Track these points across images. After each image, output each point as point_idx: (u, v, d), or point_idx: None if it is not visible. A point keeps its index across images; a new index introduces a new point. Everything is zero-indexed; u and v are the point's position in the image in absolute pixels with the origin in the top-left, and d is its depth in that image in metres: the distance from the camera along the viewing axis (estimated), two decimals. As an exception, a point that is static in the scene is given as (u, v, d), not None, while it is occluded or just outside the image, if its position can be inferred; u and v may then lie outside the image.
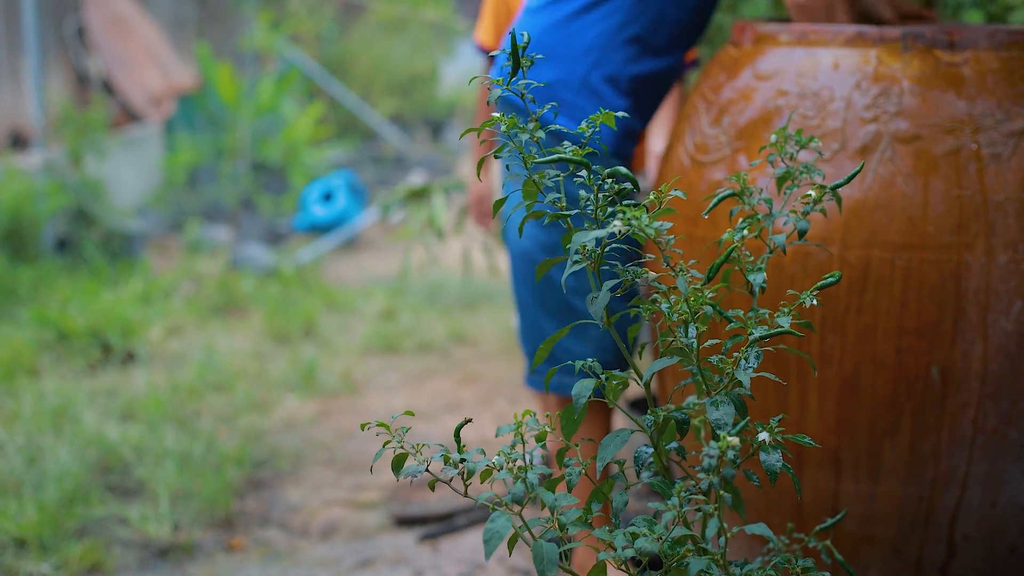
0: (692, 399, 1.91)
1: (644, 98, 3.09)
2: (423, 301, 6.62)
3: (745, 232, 1.89)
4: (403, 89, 13.03)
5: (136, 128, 9.49)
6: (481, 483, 1.81)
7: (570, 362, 2.99)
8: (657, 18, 3.02)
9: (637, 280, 1.82)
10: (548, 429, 1.81)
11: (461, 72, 14.38)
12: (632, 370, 1.90)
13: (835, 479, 2.67)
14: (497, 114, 1.84)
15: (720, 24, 4.83)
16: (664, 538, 1.74)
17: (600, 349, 3.12)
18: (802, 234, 2.02)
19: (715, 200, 2.08)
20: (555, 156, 1.81)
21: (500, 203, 1.86)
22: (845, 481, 2.66)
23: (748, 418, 1.80)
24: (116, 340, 5.60)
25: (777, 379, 1.87)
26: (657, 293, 1.82)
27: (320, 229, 8.20)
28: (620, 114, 1.90)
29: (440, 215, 5.06)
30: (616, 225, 1.71)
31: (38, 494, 3.91)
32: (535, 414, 1.79)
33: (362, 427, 1.75)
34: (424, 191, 6.85)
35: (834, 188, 1.99)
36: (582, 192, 1.83)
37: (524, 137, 1.84)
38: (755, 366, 1.79)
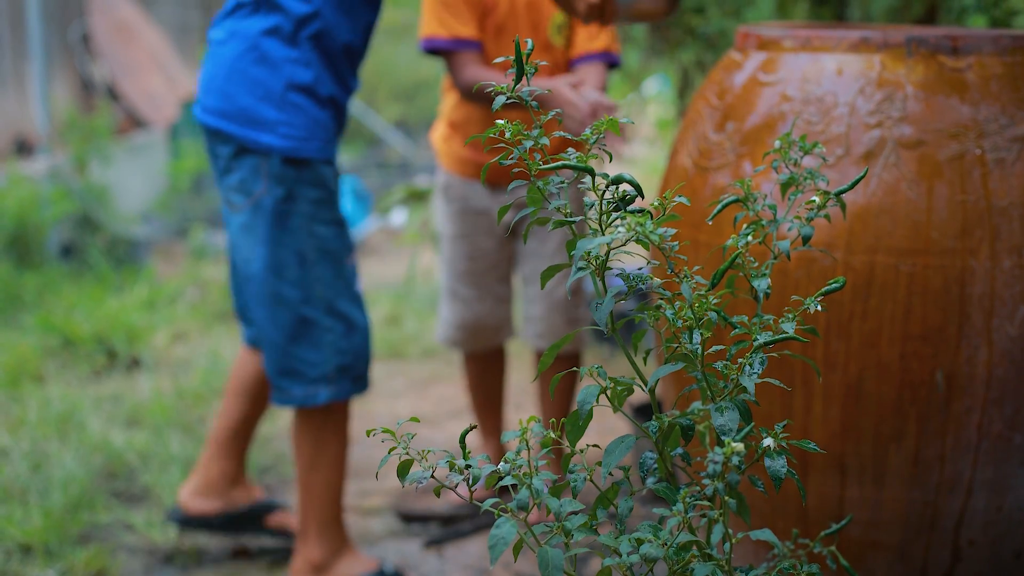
0: (697, 405, 1.91)
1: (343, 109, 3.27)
2: (428, 306, 6.62)
3: (749, 238, 1.89)
4: (407, 95, 13.03)
5: (141, 134, 9.50)
6: (487, 489, 1.81)
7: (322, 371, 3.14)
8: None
9: (643, 287, 1.82)
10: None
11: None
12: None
13: (840, 485, 2.67)
14: (502, 121, 1.84)
15: (724, 30, 4.84)
16: (669, 544, 1.74)
17: (337, 353, 3.22)
18: (806, 240, 2.02)
19: (719, 206, 2.08)
20: (560, 163, 1.81)
21: (504, 210, 1.86)
22: (850, 486, 2.66)
23: (753, 424, 1.80)
24: (121, 346, 5.60)
25: (782, 385, 1.87)
26: (661, 299, 1.82)
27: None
28: (625, 120, 1.90)
29: (437, 219, 5.06)
30: (621, 231, 1.71)
31: (43, 500, 3.92)
32: (540, 420, 1.79)
33: (368, 433, 1.75)
34: (424, 193, 6.85)
35: (838, 194, 2.00)
36: (586, 198, 1.84)
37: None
38: (760, 372, 1.79)
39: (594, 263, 1.82)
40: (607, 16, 3.16)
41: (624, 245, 1.75)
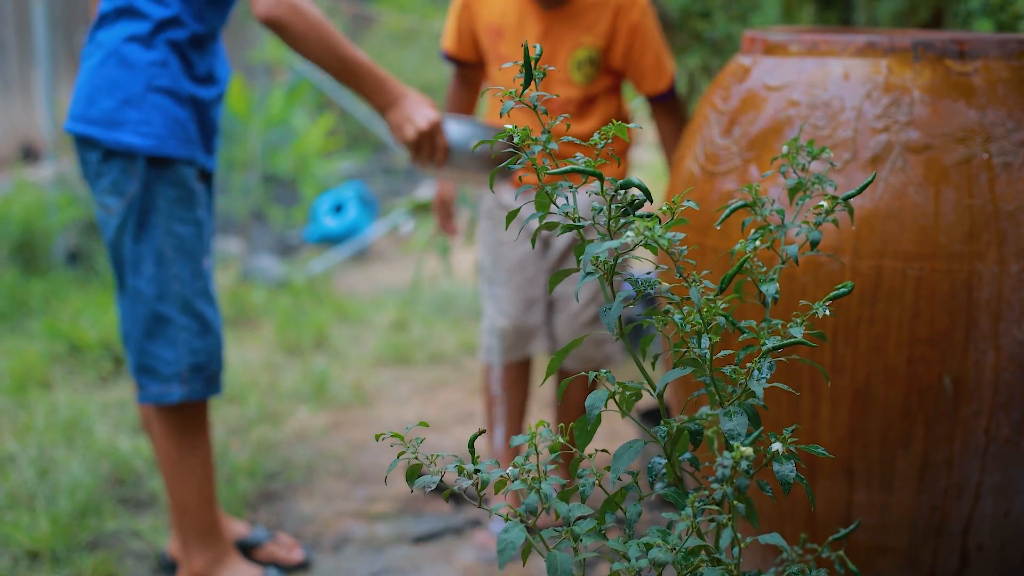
0: (705, 410, 1.91)
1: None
2: (434, 312, 6.62)
3: (757, 242, 1.89)
4: (413, 100, 13.00)
5: (147, 140, 9.47)
6: (495, 494, 1.81)
7: (176, 369, 3.18)
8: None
9: (650, 291, 1.82)
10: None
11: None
12: (645, 379, 1.90)
13: (848, 489, 2.66)
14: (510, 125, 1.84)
15: (730, 34, 4.83)
16: (678, 548, 1.74)
17: (191, 352, 3.25)
18: (814, 245, 2.02)
19: (727, 211, 2.08)
20: (568, 167, 1.81)
21: (513, 214, 1.86)
22: (858, 491, 2.66)
23: (761, 428, 1.80)
24: (128, 352, 5.61)
25: (790, 389, 1.87)
26: (670, 304, 1.82)
27: (331, 240, 8.20)
28: (634, 125, 1.90)
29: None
30: (630, 236, 1.71)
31: (50, 507, 3.92)
32: (548, 424, 1.79)
33: (376, 438, 1.75)
34: (430, 203, 6.84)
35: (846, 198, 1.99)
36: (594, 203, 1.84)
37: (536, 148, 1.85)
38: (768, 377, 1.79)
39: (603, 268, 1.82)
40: (437, 156, 3.35)
41: (633, 250, 1.75)
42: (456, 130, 3.40)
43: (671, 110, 3.87)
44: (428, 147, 3.31)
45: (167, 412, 3.29)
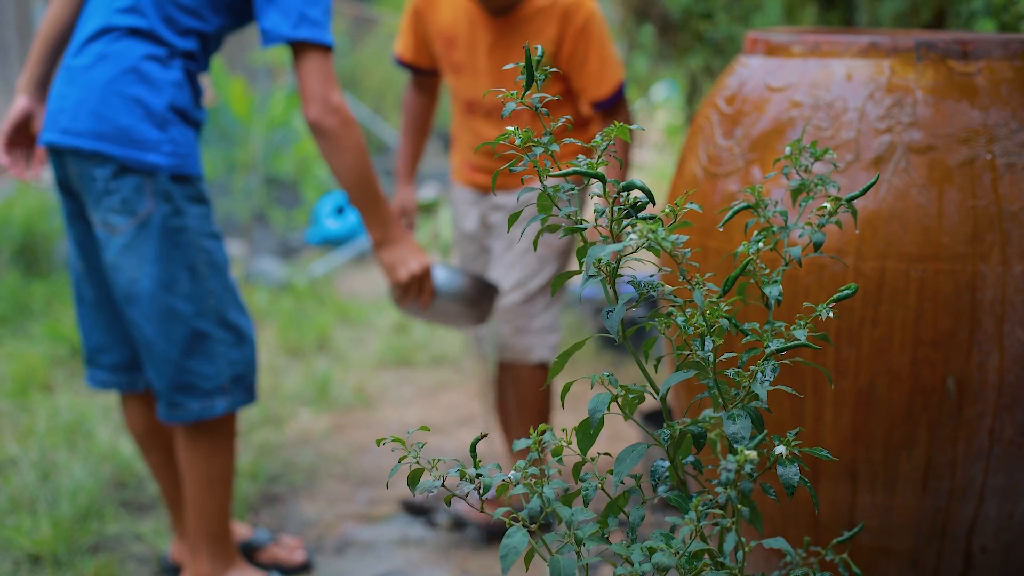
0: (708, 412, 1.90)
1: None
2: (436, 314, 6.62)
3: (760, 244, 1.89)
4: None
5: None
6: (497, 497, 1.80)
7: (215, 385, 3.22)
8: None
9: (653, 293, 1.82)
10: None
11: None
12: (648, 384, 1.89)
13: (852, 491, 2.66)
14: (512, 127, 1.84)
15: (732, 35, 4.83)
16: (681, 552, 1.73)
17: (231, 364, 3.29)
18: (818, 246, 2.01)
19: (730, 213, 2.07)
20: (571, 169, 1.80)
21: (516, 216, 1.86)
22: (862, 493, 2.65)
23: (765, 431, 1.79)
24: (130, 355, 5.60)
25: (793, 392, 1.86)
26: (673, 306, 1.82)
27: (333, 243, 8.20)
28: (635, 127, 1.89)
29: (446, 231, 5.07)
30: (633, 238, 1.70)
31: (52, 510, 3.91)
32: (551, 429, 1.78)
33: (378, 443, 1.74)
34: (431, 205, 6.84)
35: (850, 200, 1.99)
36: (597, 205, 1.83)
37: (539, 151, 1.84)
38: (771, 379, 1.78)
39: (605, 270, 1.81)
40: (423, 299, 3.54)
41: (635, 252, 1.75)
42: (442, 276, 3.62)
43: (617, 114, 3.81)
44: (416, 290, 3.48)
45: (202, 427, 3.31)
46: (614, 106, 3.77)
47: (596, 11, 3.73)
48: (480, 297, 3.68)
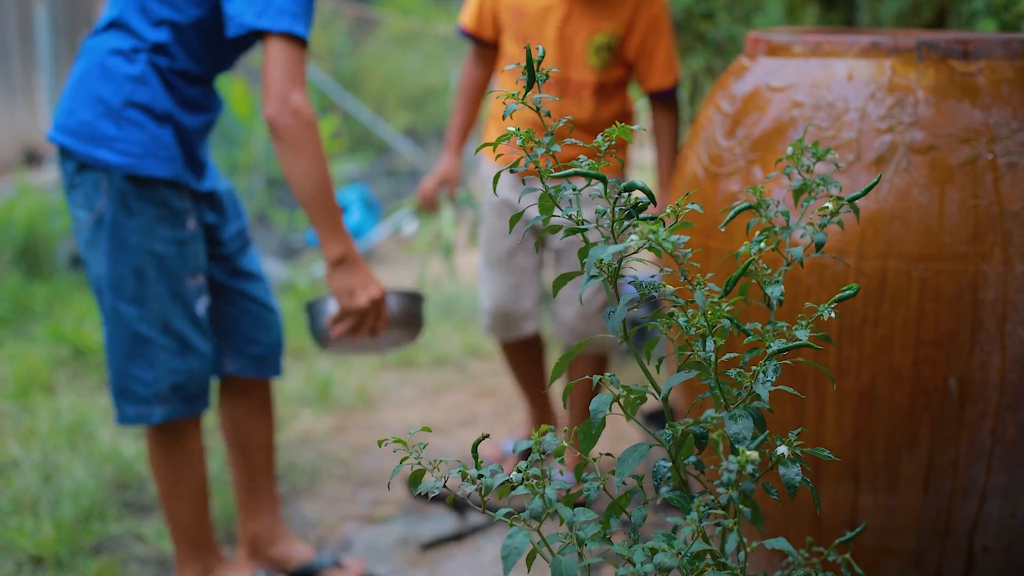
0: (710, 413, 1.90)
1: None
2: (438, 314, 6.62)
3: (762, 245, 1.89)
4: (416, 102, 13.03)
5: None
6: (499, 499, 1.80)
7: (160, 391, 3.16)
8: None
9: (655, 294, 1.82)
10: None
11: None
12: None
13: (854, 491, 2.66)
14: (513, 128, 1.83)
15: (733, 35, 4.83)
16: (683, 553, 1.73)
17: (171, 372, 3.18)
18: (819, 247, 2.01)
19: (732, 213, 2.07)
20: (572, 170, 1.80)
21: (517, 217, 1.86)
22: (864, 493, 2.65)
23: (767, 432, 1.79)
24: (131, 356, 5.60)
25: (795, 392, 1.86)
26: (674, 307, 1.82)
27: (334, 243, 8.18)
28: (637, 127, 1.89)
29: (448, 230, 5.07)
30: (633, 239, 1.70)
31: (54, 511, 3.91)
32: (553, 429, 1.78)
33: (379, 443, 1.74)
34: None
35: (851, 200, 1.99)
36: (598, 206, 1.83)
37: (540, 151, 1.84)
38: (773, 379, 1.78)
39: (607, 271, 1.81)
40: (379, 326, 3.23)
41: (637, 253, 1.75)
42: (393, 301, 3.37)
43: (672, 109, 3.98)
44: (373, 317, 3.19)
45: (155, 431, 3.26)
46: (675, 96, 3.96)
47: (667, 3, 3.91)
48: (416, 314, 3.47)
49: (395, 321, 3.35)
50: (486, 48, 4.15)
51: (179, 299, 3.18)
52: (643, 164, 10.30)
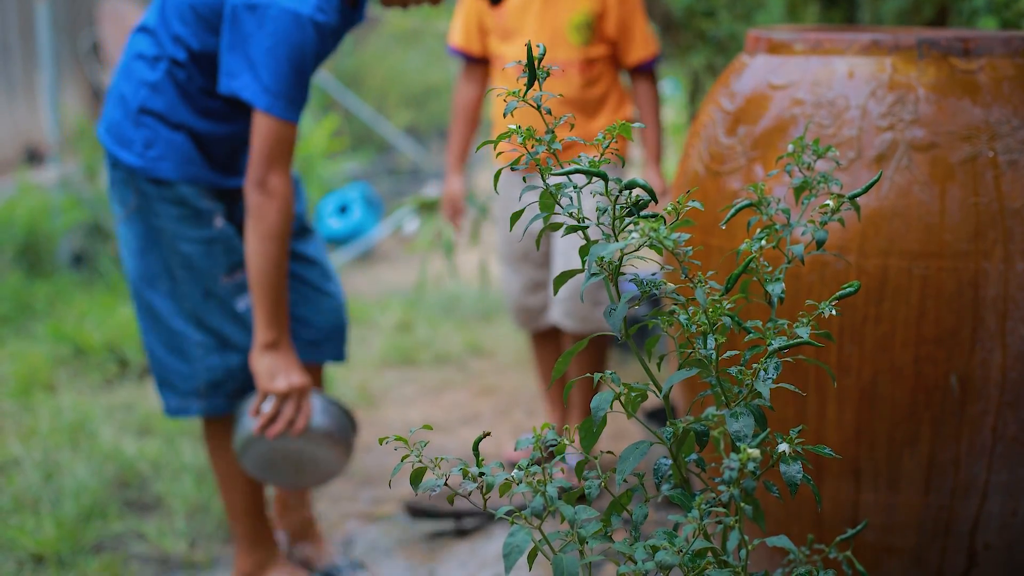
0: (711, 410, 1.90)
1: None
2: (440, 313, 6.61)
3: (763, 242, 1.89)
4: (418, 101, 13.01)
5: (151, 143, 9.49)
6: (500, 496, 1.80)
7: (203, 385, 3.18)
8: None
9: (656, 291, 1.81)
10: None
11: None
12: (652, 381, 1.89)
13: (855, 489, 2.66)
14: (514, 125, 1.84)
15: (734, 33, 4.83)
16: (684, 550, 1.73)
17: (208, 369, 3.18)
18: (820, 244, 2.01)
19: (733, 210, 2.07)
20: (572, 168, 1.80)
21: (517, 215, 1.86)
22: (865, 491, 2.65)
23: (768, 429, 1.79)
24: (133, 355, 5.60)
25: (796, 390, 1.86)
26: (675, 304, 1.82)
27: (336, 241, 8.20)
28: (637, 124, 1.89)
29: (448, 230, 5.07)
30: (634, 237, 1.70)
31: (56, 510, 3.92)
32: (554, 427, 1.78)
33: (381, 442, 1.74)
34: (435, 203, 6.84)
35: (852, 197, 1.99)
36: (599, 204, 1.83)
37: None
38: (774, 377, 1.78)
39: (608, 268, 1.81)
40: (298, 421, 3.14)
41: (638, 250, 1.75)
42: (318, 404, 3.22)
43: (653, 81, 4.19)
44: (293, 408, 3.11)
45: (206, 423, 3.29)
46: (652, 69, 4.17)
47: None
48: (344, 428, 3.28)
49: (318, 430, 3.20)
50: (476, 65, 4.29)
51: (214, 297, 3.16)
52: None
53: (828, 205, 2.00)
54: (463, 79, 4.32)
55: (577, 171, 1.80)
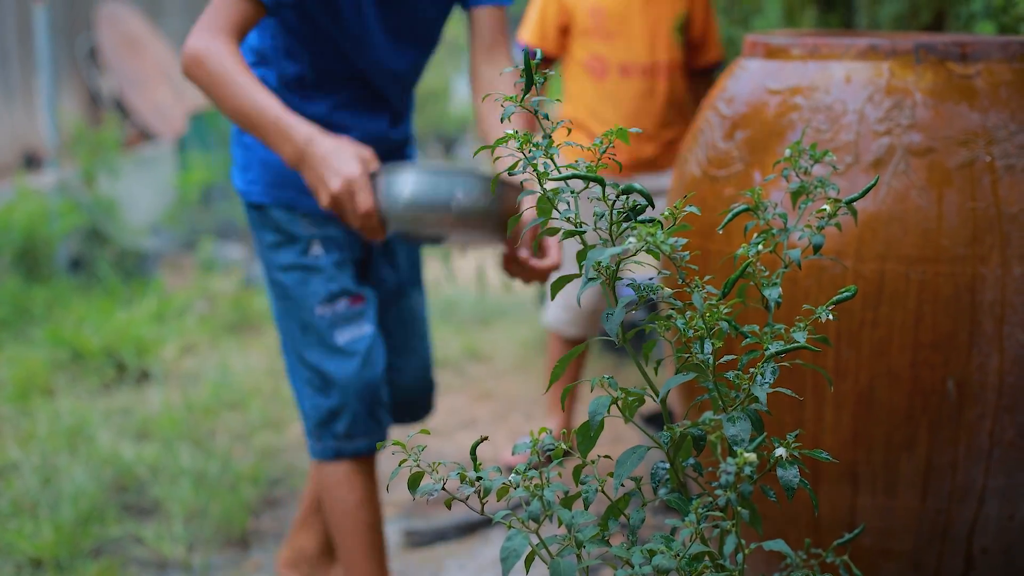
0: (708, 415, 1.90)
1: None
2: (437, 317, 6.62)
3: (760, 247, 1.89)
4: (417, 105, 13.03)
5: (149, 147, 9.51)
6: (497, 501, 1.80)
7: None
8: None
9: (653, 296, 1.82)
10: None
11: (473, 88, 14.36)
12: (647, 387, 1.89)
13: (852, 493, 2.66)
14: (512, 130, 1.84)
15: (732, 38, 4.83)
16: (681, 555, 1.73)
17: (314, 408, 2.96)
18: (817, 249, 2.01)
19: (730, 215, 2.07)
20: (570, 173, 1.81)
21: (516, 219, 1.86)
22: (862, 495, 2.65)
23: (765, 434, 1.79)
24: (131, 359, 5.61)
25: (793, 394, 1.86)
26: (672, 309, 1.82)
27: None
28: (634, 130, 1.90)
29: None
30: (632, 242, 1.70)
31: (54, 514, 3.92)
32: (551, 431, 1.78)
33: (378, 447, 1.74)
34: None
35: (849, 202, 1.99)
36: (596, 208, 1.83)
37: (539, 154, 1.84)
38: (771, 381, 1.78)
39: (605, 273, 1.81)
40: (366, 223, 2.65)
41: (635, 255, 1.75)
42: (403, 182, 2.65)
43: (710, 83, 4.25)
44: (349, 202, 2.61)
45: (315, 467, 3.04)
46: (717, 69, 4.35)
47: None
48: (457, 199, 2.65)
49: (425, 208, 2.65)
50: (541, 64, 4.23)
51: (311, 331, 2.93)
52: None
53: (825, 210, 2.00)
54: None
55: (575, 176, 1.80)
